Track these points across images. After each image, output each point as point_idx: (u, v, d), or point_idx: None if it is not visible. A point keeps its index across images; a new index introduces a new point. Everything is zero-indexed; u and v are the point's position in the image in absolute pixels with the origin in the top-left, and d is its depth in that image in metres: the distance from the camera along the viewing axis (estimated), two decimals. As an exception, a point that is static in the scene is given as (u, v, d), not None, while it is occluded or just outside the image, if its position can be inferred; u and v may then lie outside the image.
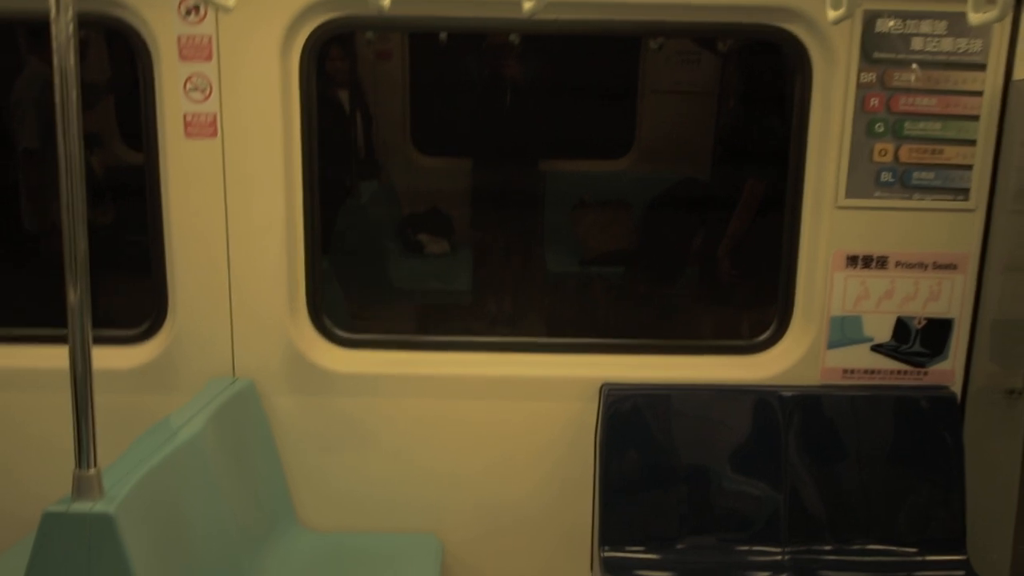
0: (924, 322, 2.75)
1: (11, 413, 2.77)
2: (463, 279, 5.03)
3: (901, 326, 2.75)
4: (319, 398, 2.75)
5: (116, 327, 2.82)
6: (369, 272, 4.81)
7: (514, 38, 4.80)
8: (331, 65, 4.57)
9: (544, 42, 4.74)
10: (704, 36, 4.05)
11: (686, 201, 4.70)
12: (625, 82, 5.31)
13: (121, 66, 4.18)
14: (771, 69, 3.77)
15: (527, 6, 1.87)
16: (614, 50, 4.98)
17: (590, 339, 2.91)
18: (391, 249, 5.12)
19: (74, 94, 1.72)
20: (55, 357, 2.69)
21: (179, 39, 2.52)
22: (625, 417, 2.72)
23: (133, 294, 2.74)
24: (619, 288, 4.95)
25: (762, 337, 2.85)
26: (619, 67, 5.19)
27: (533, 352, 2.85)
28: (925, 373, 2.77)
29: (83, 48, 4.34)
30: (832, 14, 1.86)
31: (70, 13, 1.70)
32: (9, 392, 2.77)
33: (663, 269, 4.75)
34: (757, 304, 3.70)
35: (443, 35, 4.78)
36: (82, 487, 1.82)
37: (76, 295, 1.75)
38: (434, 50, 5.13)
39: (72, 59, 1.72)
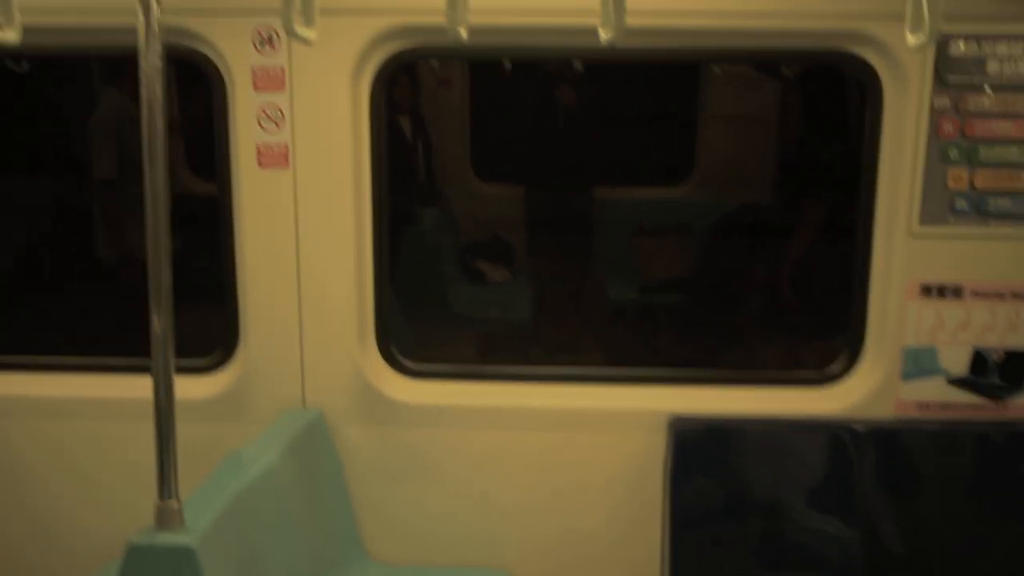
0: (1002, 354, 2.67)
1: (83, 442, 2.82)
2: (523, 307, 5.02)
3: (978, 358, 2.68)
4: (387, 429, 2.75)
5: (180, 356, 2.86)
6: (430, 299, 4.82)
7: (576, 65, 4.81)
8: (394, 92, 4.63)
9: (605, 69, 4.74)
10: (771, 62, 4.01)
11: (747, 227, 4.65)
12: (685, 107, 5.29)
13: (191, 96, 4.29)
14: (835, 93, 3.73)
15: (605, 36, 1.87)
16: (674, 75, 4.96)
17: (655, 370, 2.88)
18: (451, 276, 5.13)
19: (160, 126, 1.75)
20: (124, 386, 2.76)
21: (253, 70, 2.56)
22: (695, 451, 2.68)
23: (197, 322, 2.78)
24: (680, 315, 4.91)
25: (833, 368, 2.79)
26: (679, 92, 5.17)
27: (599, 383, 2.83)
28: (1004, 407, 2.69)
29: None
30: (912, 40, 1.82)
31: (158, 46, 1.73)
32: (80, 421, 2.82)
33: (724, 296, 4.69)
34: (822, 333, 3.63)
35: (505, 62, 4.80)
36: (165, 518, 1.84)
37: (160, 325, 1.77)
38: (495, 77, 5.16)
39: (159, 91, 1.75)
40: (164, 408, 1.81)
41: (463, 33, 1.90)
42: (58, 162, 4.86)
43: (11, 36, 2.02)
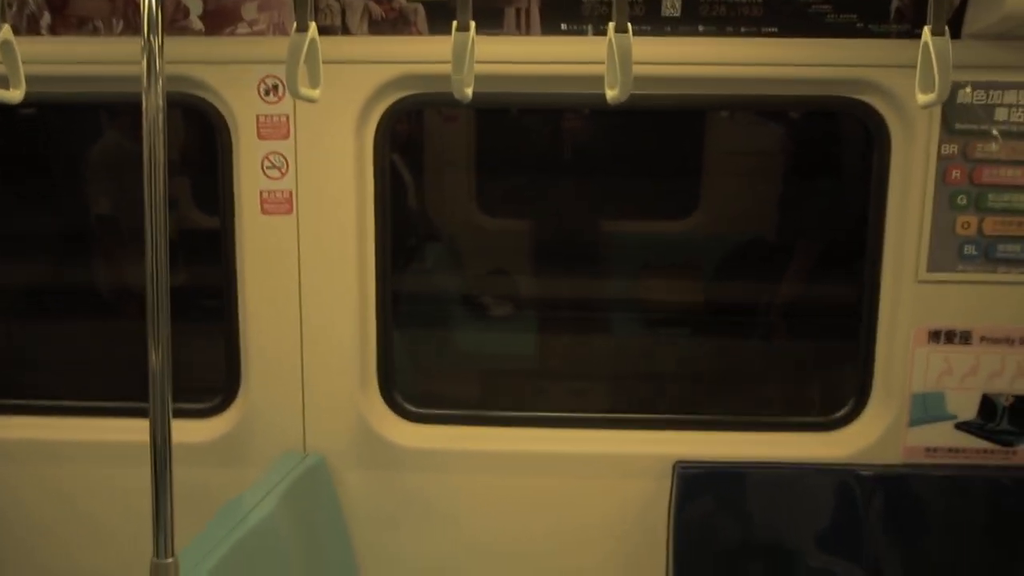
0: (1011, 399, 2.65)
1: (83, 485, 2.80)
2: (526, 342, 4.99)
3: (987, 403, 2.65)
4: (389, 473, 2.73)
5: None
6: (430, 334, 4.80)
7: (581, 103, 4.80)
8: (398, 128, 4.62)
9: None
10: (779, 109, 4.02)
11: (753, 263, 4.62)
12: (690, 143, 5.27)
13: (193, 142, 4.29)
14: (842, 133, 3.72)
15: (611, 94, 1.86)
16: (680, 113, 4.95)
17: (661, 415, 2.86)
18: (454, 311, 5.11)
19: (162, 172, 1.74)
20: (124, 429, 2.74)
21: (258, 118, 2.57)
22: (700, 496, 2.65)
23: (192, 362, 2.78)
24: (684, 353, 4.87)
25: (840, 413, 2.77)
26: (684, 129, 5.16)
27: (603, 428, 2.81)
28: (1014, 453, 2.66)
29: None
30: (923, 99, 1.81)
31: (160, 98, 1.73)
32: (79, 464, 2.80)
33: (729, 334, 4.66)
34: (829, 377, 3.61)
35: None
36: (160, 576, 1.81)
37: (158, 363, 1.74)
38: (500, 113, 5.16)
39: (161, 139, 1.75)
40: (160, 456, 1.78)
41: (469, 93, 1.90)
42: (57, 202, 4.87)
43: (16, 96, 2.02)
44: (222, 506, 2.32)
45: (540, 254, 5.13)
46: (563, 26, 2.55)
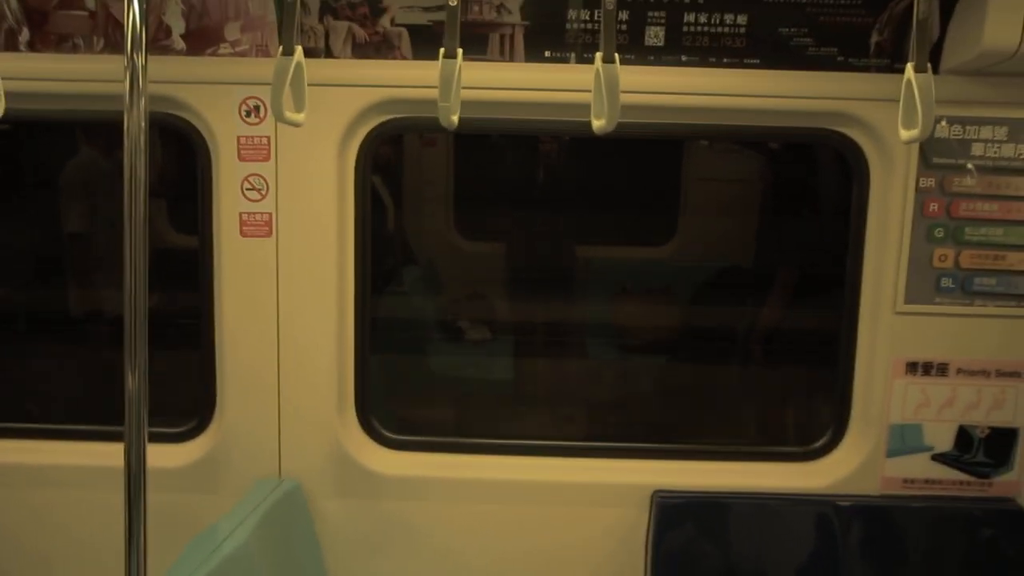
0: (987, 431, 2.67)
1: (62, 509, 2.75)
2: (503, 367, 4.97)
3: (963, 435, 2.67)
4: (365, 500, 2.70)
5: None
6: (407, 359, 4.77)
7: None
8: (377, 151, 4.60)
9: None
10: (759, 140, 4.05)
11: (730, 291, 4.64)
12: (668, 169, 5.29)
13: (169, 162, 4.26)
14: (821, 164, 3.75)
15: (597, 124, 1.86)
16: (661, 140, 4.98)
17: (639, 444, 2.84)
18: (431, 336, 5.08)
19: (143, 192, 1.73)
20: (100, 454, 2.70)
21: (239, 140, 2.54)
22: (678, 526, 2.64)
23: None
24: (662, 381, 4.87)
25: (818, 444, 2.77)
26: (664, 156, 5.18)
27: (581, 456, 2.79)
28: (990, 484, 2.67)
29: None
30: (906, 134, 1.83)
31: (143, 117, 1.71)
32: (57, 489, 2.75)
33: (708, 362, 4.67)
34: (806, 407, 3.62)
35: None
36: (132, 610, 1.78)
37: (135, 386, 1.71)
38: (478, 137, 5.16)
39: (142, 158, 1.73)
40: (136, 483, 1.76)
41: (455, 120, 1.89)
42: (32, 219, 4.81)
43: None
44: (198, 533, 2.27)
45: (517, 278, 5.13)
46: (547, 53, 2.55)
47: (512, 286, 5.15)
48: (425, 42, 2.53)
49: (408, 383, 4.55)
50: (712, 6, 2.51)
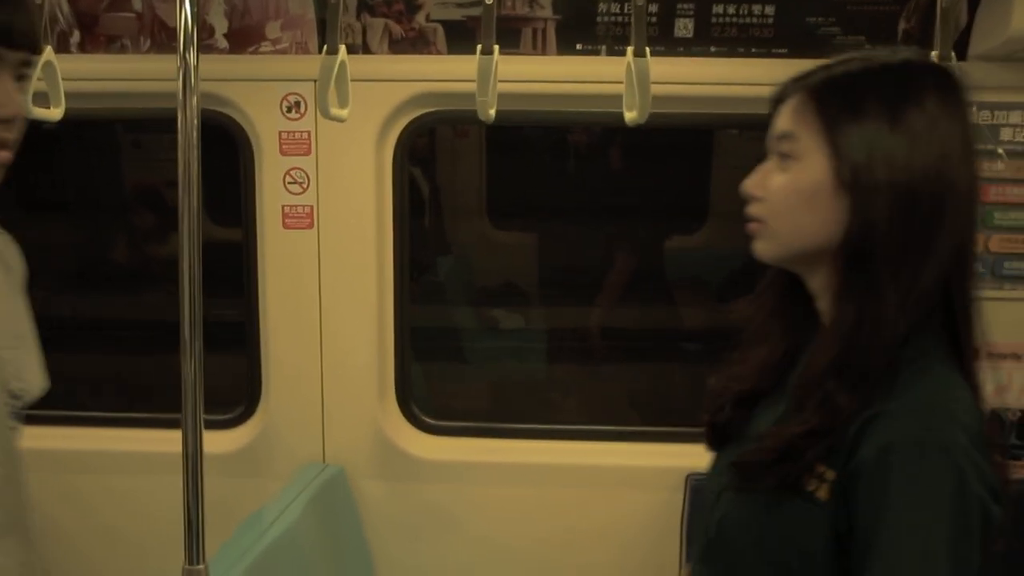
0: (1019, 414, 2.69)
1: (107, 496, 2.85)
2: (537, 354, 5.04)
3: (995, 418, 2.69)
4: (407, 484, 2.77)
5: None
6: (442, 346, 4.85)
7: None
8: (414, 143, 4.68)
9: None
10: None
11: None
12: (700, 157, 5.32)
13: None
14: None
15: (629, 116, 1.92)
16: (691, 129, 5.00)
17: (674, 428, 2.89)
18: (465, 325, 5.16)
19: (196, 187, 1.78)
20: (149, 440, 2.80)
21: (280, 135, 2.62)
22: (711, 508, 2.69)
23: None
24: (694, 367, 4.91)
25: (851, 426, 2.80)
26: (694, 142, 5.21)
27: (618, 440, 2.85)
28: (1022, 466, 2.69)
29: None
30: None
31: (195, 115, 1.77)
32: (103, 475, 2.85)
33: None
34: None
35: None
36: (192, 583, 1.85)
37: (191, 373, 1.76)
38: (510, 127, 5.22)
39: (195, 155, 1.78)
40: (192, 467, 1.82)
41: (492, 114, 1.95)
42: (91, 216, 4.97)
43: (57, 114, 2.08)
44: (248, 515, 2.36)
45: (553, 268, 5.18)
46: (578, 46, 2.61)
47: (543, 274, 5.21)
48: (460, 37, 2.59)
49: (443, 372, 4.63)
50: (740, -3, 2.55)
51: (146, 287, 4.97)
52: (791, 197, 1.39)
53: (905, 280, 1.32)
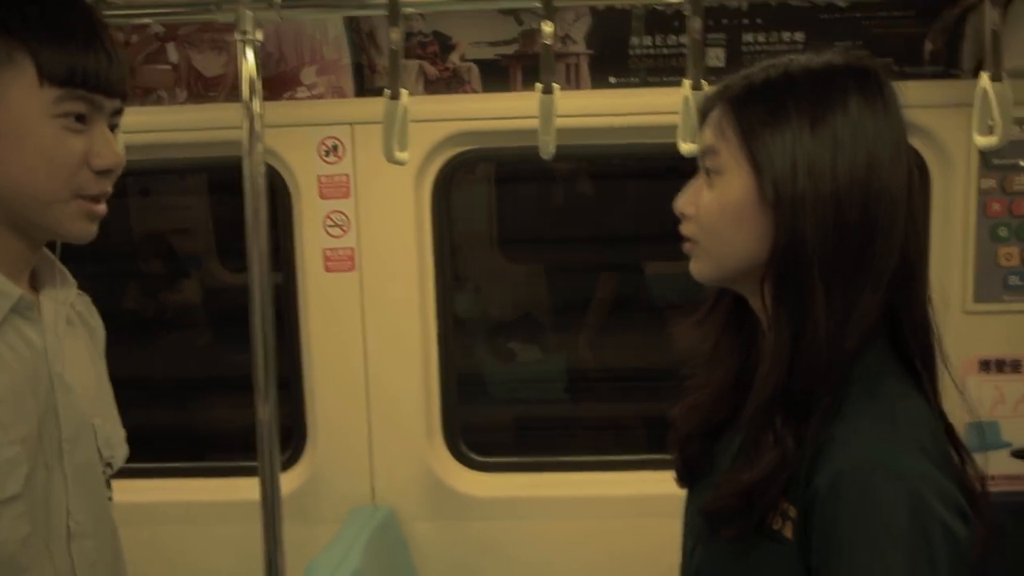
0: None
1: (183, 545, 2.81)
2: (556, 387, 5.04)
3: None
4: (458, 523, 2.76)
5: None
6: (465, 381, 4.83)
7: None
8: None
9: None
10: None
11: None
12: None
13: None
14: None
15: (686, 148, 1.94)
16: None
17: None
18: (483, 358, 5.15)
19: (264, 232, 1.79)
20: (214, 489, 2.77)
21: (319, 179, 2.63)
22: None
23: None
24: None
25: (895, 445, 2.81)
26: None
27: (667, 469, 2.84)
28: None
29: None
30: (983, 140, 1.90)
31: (260, 162, 1.78)
32: (177, 526, 2.81)
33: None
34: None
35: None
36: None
37: (266, 416, 1.74)
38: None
39: (262, 201, 1.80)
40: (270, 510, 1.81)
41: (552, 150, 1.97)
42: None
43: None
44: (300, 562, 2.33)
45: (567, 298, 5.19)
46: (611, 79, 2.64)
47: (559, 305, 5.22)
48: (493, 75, 2.61)
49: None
50: (769, 24, 2.58)
51: (159, 335, 4.96)
52: (718, 215, 1.31)
53: (841, 297, 1.23)
